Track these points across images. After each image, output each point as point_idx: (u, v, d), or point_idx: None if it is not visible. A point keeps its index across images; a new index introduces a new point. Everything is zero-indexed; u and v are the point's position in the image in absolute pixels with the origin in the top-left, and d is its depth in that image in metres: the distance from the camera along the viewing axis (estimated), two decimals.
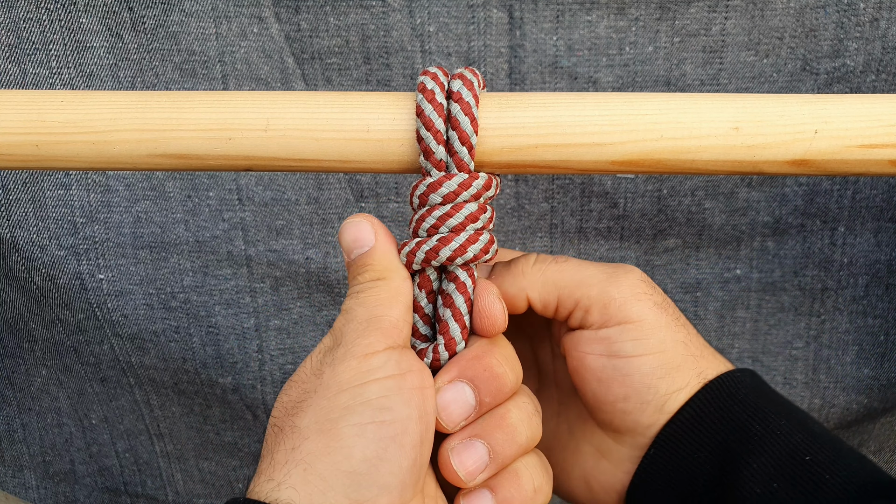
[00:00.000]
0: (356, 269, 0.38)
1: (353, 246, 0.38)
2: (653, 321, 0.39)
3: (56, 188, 0.58)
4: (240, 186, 0.59)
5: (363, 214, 0.38)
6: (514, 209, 0.60)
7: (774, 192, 0.59)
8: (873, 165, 0.35)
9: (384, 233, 0.38)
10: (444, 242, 0.36)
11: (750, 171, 0.36)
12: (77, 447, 0.70)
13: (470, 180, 0.36)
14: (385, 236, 0.38)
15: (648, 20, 0.54)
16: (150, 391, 0.66)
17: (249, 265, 0.61)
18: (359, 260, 0.38)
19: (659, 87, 0.56)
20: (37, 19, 0.53)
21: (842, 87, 0.56)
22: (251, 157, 0.36)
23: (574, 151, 0.35)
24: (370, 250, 0.37)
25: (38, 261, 0.59)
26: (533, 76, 0.55)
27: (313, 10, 0.54)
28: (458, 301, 0.37)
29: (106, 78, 0.55)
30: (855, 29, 0.54)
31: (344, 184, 0.59)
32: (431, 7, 0.54)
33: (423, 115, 0.35)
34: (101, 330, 0.62)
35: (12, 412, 0.69)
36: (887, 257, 0.61)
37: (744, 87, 0.56)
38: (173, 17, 0.54)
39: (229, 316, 0.62)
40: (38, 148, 0.36)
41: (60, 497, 0.72)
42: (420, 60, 0.55)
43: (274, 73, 0.55)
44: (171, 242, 0.60)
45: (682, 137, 0.35)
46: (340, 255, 0.61)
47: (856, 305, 0.63)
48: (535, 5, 0.53)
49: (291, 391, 0.36)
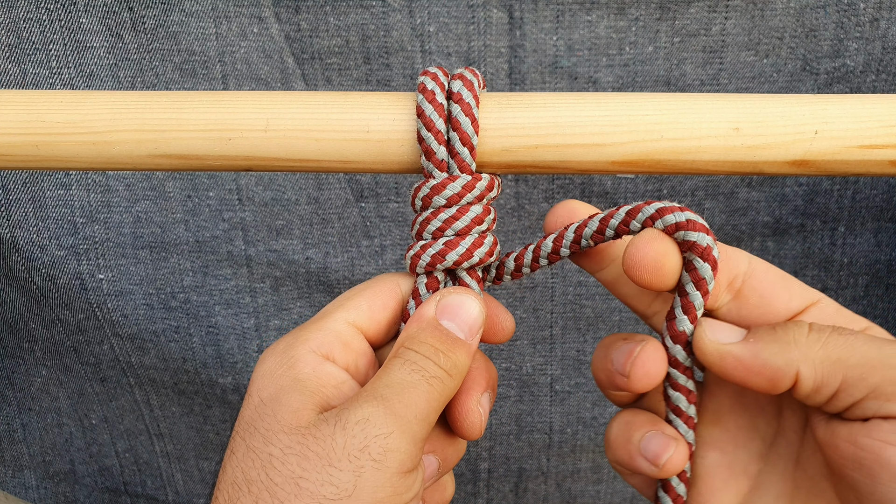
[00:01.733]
0: (443, 340, 0.34)
1: (479, 323, 0.35)
2: None
3: (56, 188, 0.58)
4: (240, 186, 0.59)
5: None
6: (514, 209, 0.60)
7: (774, 192, 0.59)
8: (873, 166, 0.35)
9: None
10: (451, 246, 0.36)
11: (750, 171, 0.36)
12: (77, 447, 0.70)
13: (473, 181, 0.36)
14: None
15: (648, 20, 0.54)
16: (150, 391, 0.66)
17: (249, 265, 0.61)
18: (465, 346, 0.34)
19: (659, 87, 0.56)
20: (37, 19, 0.53)
21: (842, 87, 0.56)
22: (251, 157, 0.36)
23: (574, 152, 0.35)
24: (473, 345, 0.35)
25: (38, 261, 0.59)
26: (533, 76, 0.55)
27: (313, 10, 0.54)
28: None
29: (106, 78, 0.55)
30: (855, 29, 0.54)
31: (344, 184, 0.59)
32: (431, 7, 0.53)
33: (424, 116, 0.35)
34: (101, 330, 0.62)
35: (12, 412, 0.69)
36: (887, 257, 0.61)
37: (744, 87, 0.56)
38: (173, 17, 0.54)
39: (229, 316, 0.62)
40: (38, 148, 0.36)
41: (60, 497, 0.72)
42: (420, 60, 0.55)
43: (274, 73, 0.55)
44: (171, 242, 0.60)
45: (682, 138, 0.35)
46: (340, 255, 0.61)
47: (856, 305, 0.63)
48: (535, 5, 0.53)
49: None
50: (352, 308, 0.37)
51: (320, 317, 0.36)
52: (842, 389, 0.31)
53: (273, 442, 0.32)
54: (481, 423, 0.37)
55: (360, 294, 0.37)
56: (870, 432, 0.31)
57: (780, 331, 0.32)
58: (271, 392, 0.34)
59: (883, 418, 0.30)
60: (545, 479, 0.70)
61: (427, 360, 0.33)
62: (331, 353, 0.35)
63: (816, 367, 0.31)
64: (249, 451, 0.32)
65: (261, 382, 0.34)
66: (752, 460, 0.36)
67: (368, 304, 0.37)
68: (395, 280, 0.38)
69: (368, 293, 0.37)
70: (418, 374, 0.33)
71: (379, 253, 0.61)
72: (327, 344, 0.35)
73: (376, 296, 0.37)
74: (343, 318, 0.36)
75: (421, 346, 0.34)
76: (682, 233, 0.32)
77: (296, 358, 0.34)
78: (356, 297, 0.37)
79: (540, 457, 0.69)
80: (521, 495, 0.71)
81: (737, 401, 0.37)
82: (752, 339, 0.32)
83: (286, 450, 0.31)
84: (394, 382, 0.33)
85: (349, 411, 0.32)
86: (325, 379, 0.34)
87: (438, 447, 0.37)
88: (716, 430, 0.37)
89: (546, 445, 0.68)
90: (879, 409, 0.30)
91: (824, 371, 0.31)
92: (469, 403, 0.36)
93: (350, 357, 0.36)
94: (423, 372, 0.33)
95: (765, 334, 0.32)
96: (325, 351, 0.35)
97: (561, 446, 0.68)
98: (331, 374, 0.34)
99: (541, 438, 0.68)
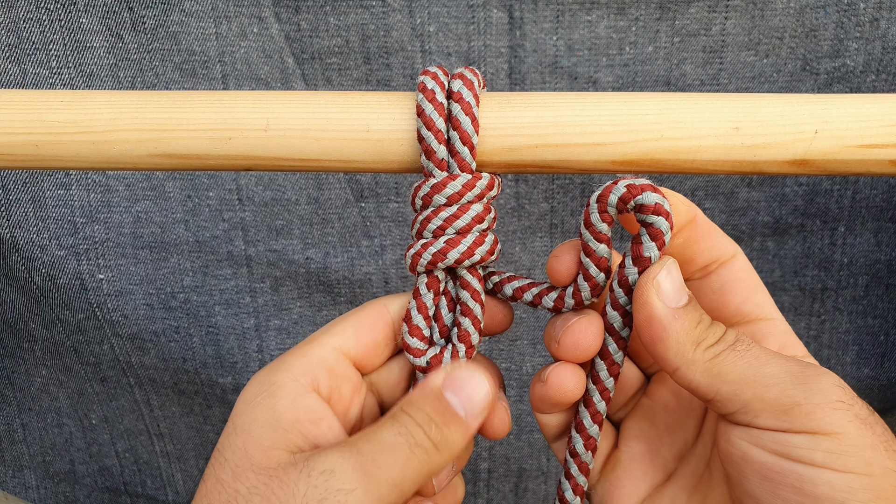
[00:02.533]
0: (440, 412, 0.33)
1: (484, 404, 0.34)
2: (856, 437, 0.31)
3: (56, 188, 0.58)
4: (240, 186, 0.59)
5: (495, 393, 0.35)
6: (514, 209, 0.60)
7: (774, 192, 0.59)
8: (873, 165, 0.35)
9: None
10: (452, 245, 0.36)
11: (750, 171, 0.36)
12: (77, 447, 0.70)
13: (474, 180, 0.36)
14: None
15: (648, 20, 0.54)
16: (150, 391, 0.66)
17: (249, 265, 0.61)
18: (462, 425, 0.33)
19: (659, 87, 0.56)
20: (37, 19, 0.53)
21: (842, 87, 0.56)
22: (251, 157, 0.36)
23: (574, 151, 0.35)
24: (472, 426, 0.33)
25: (38, 261, 0.59)
26: (533, 76, 0.55)
27: (313, 10, 0.54)
28: (476, 310, 0.37)
29: (106, 78, 0.55)
30: (855, 29, 0.54)
31: (344, 184, 0.59)
32: (431, 7, 0.53)
33: (424, 115, 0.35)
34: (101, 330, 0.62)
35: (12, 412, 0.69)
36: (887, 257, 0.61)
37: (744, 87, 0.56)
38: (173, 17, 0.54)
39: (229, 316, 0.62)
40: (38, 148, 0.36)
41: (60, 497, 0.72)
42: (420, 60, 0.55)
43: (274, 73, 0.55)
44: (171, 242, 0.60)
45: (682, 137, 0.35)
46: (340, 255, 0.61)
47: (856, 305, 0.63)
48: (535, 5, 0.53)
49: None
50: (337, 333, 0.37)
51: (306, 343, 0.37)
52: (717, 400, 0.33)
53: (241, 479, 0.32)
54: (508, 418, 0.37)
55: (346, 320, 0.37)
56: (740, 433, 0.33)
57: (696, 328, 0.33)
58: (246, 421, 0.34)
59: (751, 427, 0.33)
60: (545, 479, 0.70)
61: (418, 427, 0.33)
62: (314, 379, 0.35)
63: (696, 376, 0.33)
64: (217, 482, 0.32)
65: (240, 407, 0.34)
66: (672, 458, 0.39)
67: (354, 329, 0.37)
68: (383, 304, 0.38)
69: (354, 318, 0.37)
70: (403, 437, 0.32)
71: (379, 253, 0.61)
72: (311, 370, 0.35)
73: (363, 320, 0.37)
74: (328, 344, 0.36)
75: (416, 412, 0.33)
76: (631, 203, 0.33)
77: (276, 385, 0.34)
78: (342, 323, 0.37)
79: (540, 457, 0.69)
80: (521, 495, 0.71)
81: (672, 403, 0.39)
82: (679, 316, 0.33)
83: (252, 489, 0.31)
84: (376, 440, 0.32)
85: (318, 459, 0.31)
86: (302, 413, 0.34)
87: None
88: (646, 425, 0.39)
89: (546, 445, 0.68)
90: (750, 423, 0.32)
91: (702, 381, 0.33)
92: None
93: (334, 383, 0.36)
94: (409, 437, 0.32)
95: (688, 321, 0.33)
96: (308, 378, 0.35)
97: None
98: (309, 409, 0.34)
99: (541, 438, 0.68)
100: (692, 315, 0.33)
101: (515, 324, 0.64)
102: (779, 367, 0.32)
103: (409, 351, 0.37)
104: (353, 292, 0.63)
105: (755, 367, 0.32)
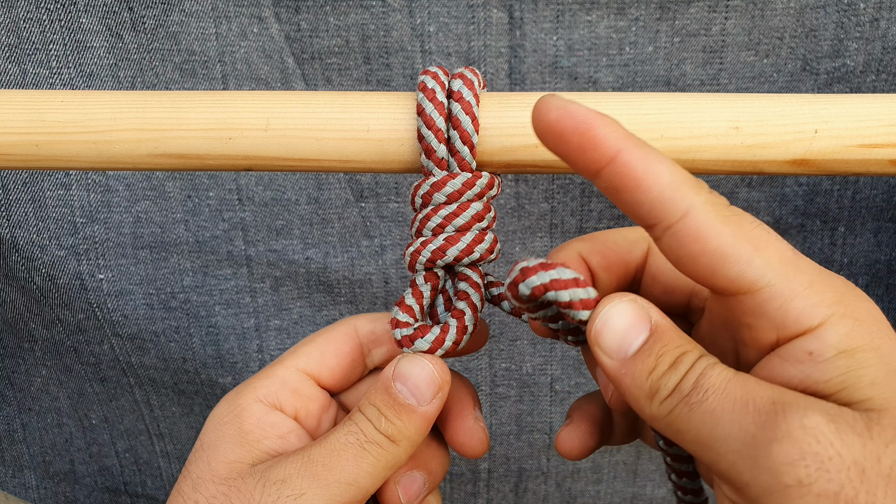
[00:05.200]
0: (390, 405, 0.34)
1: (433, 389, 0.34)
2: None
3: (56, 188, 0.58)
4: (240, 186, 0.59)
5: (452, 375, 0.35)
6: (514, 209, 0.60)
7: (774, 192, 0.59)
8: (873, 165, 0.35)
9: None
10: (451, 242, 0.36)
11: (750, 171, 0.36)
12: (77, 447, 0.70)
13: (473, 179, 0.36)
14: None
15: (648, 20, 0.54)
16: (150, 391, 0.66)
17: (249, 265, 0.61)
18: (413, 413, 0.34)
19: (659, 87, 0.56)
20: (37, 19, 0.53)
21: (842, 87, 0.56)
22: (251, 156, 0.36)
23: None
24: (426, 412, 0.34)
25: (38, 261, 0.59)
26: (533, 76, 0.55)
27: (313, 10, 0.54)
28: (474, 297, 0.36)
29: (106, 78, 0.55)
30: (855, 29, 0.54)
31: (344, 184, 0.59)
32: (431, 7, 0.54)
33: (424, 114, 0.35)
34: (101, 330, 0.62)
35: (12, 412, 0.69)
36: (887, 257, 0.61)
37: (744, 87, 0.56)
38: (173, 17, 0.54)
39: (229, 316, 0.62)
40: (38, 148, 0.36)
41: (60, 497, 0.72)
42: (420, 60, 0.55)
43: (274, 73, 0.55)
44: (171, 242, 0.60)
45: (682, 137, 0.35)
46: (340, 255, 0.61)
47: None
48: (535, 5, 0.53)
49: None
50: (302, 355, 0.37)
51: (273, 365, 0.37)
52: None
53: (200, 489, 0.33)
54: (486, 437, 0.37)
55: (313, 341, 0.38)
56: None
57: (649, 379, 0.28)
58: (212, 438, 0.35)
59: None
60: (545, 479, 0.70)
61: (368, 423, 0.34)
62: (278, 400, 0.36)
63: (662, 430, 0.29)
64: (178, 494, 0.34)
65: (207, 426, 0.36)
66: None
67: (320, 352, 0.38)
68: (352, 325, 0.39)
69: (322, 341, 0.38)
70: (354, 437, 0.33)
71: (379, 253, 0.61)
72: (274, 392, 0.36)
73: (329, 342, 0.38)
74: (293, 366, 0.37)
75: (367, 408, 0.34)
76: (526, 292, 0.30)
77: (242, 406, 0.35)
78: (308, 345, 0.38)
79: (540, 457, 0.69)
80: (521, 495, 0.71)
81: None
82: (628, 369, 0.29)
83: (210, 499, 0.33)
84: (327, 443, 0.33)
85: (274, 469, 0.33)
86: (269, 430, 0.35)
87: (423, 461, 0.37)
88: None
89: (546, 445, 0.68)
90: (717, 484, 0.29)
91: (669, 436, 0.29)
92: (468, 422, 0.37)
93: (299, 403, 0.37)
94: (360, 436, 0.33)
95: (638, 374, 0.28)
96: (273, 399, 0.36)
97: None
98: (275, 424, 0.35)
99: (541, 438, 0.68)
100: (644, 364, 0.28)
101: (516, 324, 0.64)
102: (732, 427, 0.26)
103: (396, 325, 0.36)
104: (353, 292, 0.63)
105: (709, 426, 0.27)
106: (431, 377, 0.34)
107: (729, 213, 0.28)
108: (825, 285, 0.27)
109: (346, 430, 0.34)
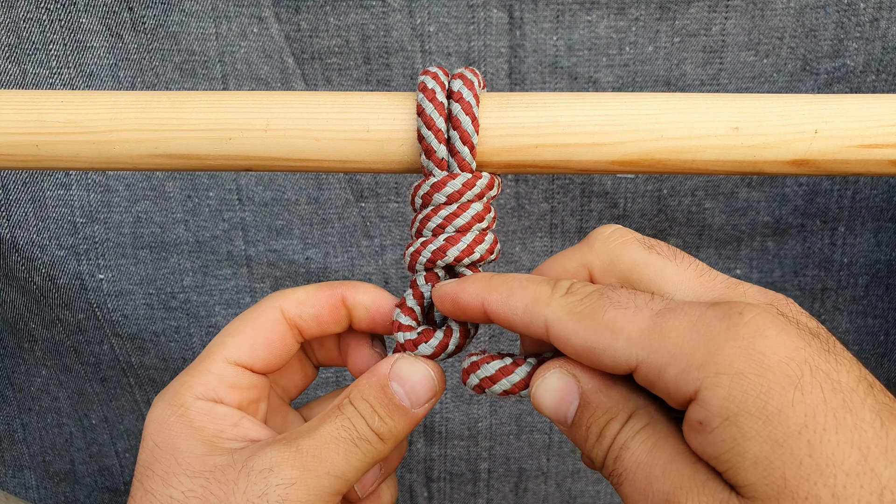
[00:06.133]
0: (384, 404, 0.34)
1: (429, 395, 0.35)
2: None
3: (56, 188, 0.58)
4: (240, 186, 0.59)
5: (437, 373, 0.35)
6: (514, 209, 0.60)
7: (774, 192, 0.59)
8: (873, 165, 0.35)
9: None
10: (452, 242, 0.36)
11: (750, 171, 0.36)
12: (77, 447, 0.70)
13: (473, 179, 0.36)
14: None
15: (648, 20, 0.54)
16: (150, 391, 0.66)
17: (249, 265, 0.61)
18: (406, 415, 0.34)
19: (659, 87, 0.56)
20: (37, 19, 0.53)
21: (842, 87, 0.56)
22: (251, 157, 0.36)
23: (574, 151, 0.35)
24: (416, 414, 0.34)
25: (38, 261, 0.59)
26: (533, 76, 0.55)
27: (313, 10, 0.54)
28: None
29: (106, 78, 0.55)
30: (855, 29, 0.54)
31: (344, 184, 0.59)
32: (431, 7, 0.54)
33: (425, 115, 0.35)
34: (101, 330, 0.62)
35: (12, 412, 0.69)
36: (887, 257, 0.61)
37: (744, 87, 0.56)
38: (173, 17, 0.54)
39: (229, 316, 0.62)
40: (38, 148, 0.36)
41: (60, 497, 0.72)
42: (420, 60, 0.55)
43: (274, 73, 0.55)
44: (171, 242, 0.60)
45: (682, 137, 0.35)
46: (340, 255, 0.61)
47: (856, 305, 0.63)
48: (535, 5, 0.53)
49: None
50: (232, 347, 0.37)
51: (203, 357, 0.37)
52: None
53: (174, 485, 0.33)
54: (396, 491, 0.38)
55: (240, 331, 0.37)
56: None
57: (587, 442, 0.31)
58: (166, 437, 0.34)
59: None
60: (545, 479, 0.70)
61: (361, 419, 0.34)
62: (217, 395, 0.36)
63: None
64: (147, 493, 0.33)
65: (152, 427, 0.35)
66: None
67: (250, 343, 0.37)
68: (276, 306, 0.38)
69: (250, 329, 0.37)
70: (346, 432, 0.33)
71: (379, 253, 0.61)
72: (213, 388, 0.36)
73: (258, 332, 0.37)
74: (225, 359, 0.37)
75: (361, 403, 0.34)
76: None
77: (185, 406, 0.35)
78: (237, 336, 0.37)
79: (540, 457, 0.69)
80: (521, 495, 0.71)
81: None
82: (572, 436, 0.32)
83: (188, 493, 0.32)
84: (318, 435, 0.33)
85: (257, 458, 0.32)
86: (220, 421, 0.35)
87: None
88: None
89: (546, 445, 0.68)
90: None
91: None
92: (364, 351, 0.38)
93: (241, 395, 0.37)
94: (353, 432, 0.33)
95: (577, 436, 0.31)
96: (212, 395, 0.36)
97: (561, 446, 0.68)
98: (224, 416, 0.35)
99: (541, 438, 0.68)
100: (578, 434, 0.31)
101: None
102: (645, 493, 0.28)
103: (399, 329, 0.37)
104: None
105: (630, 499, 0.29)
106: (430, 383, 0.35)
107: (581, 308, 0.30)
108: (694, 343, 0.27)
109: (337, 423, 0.34)
